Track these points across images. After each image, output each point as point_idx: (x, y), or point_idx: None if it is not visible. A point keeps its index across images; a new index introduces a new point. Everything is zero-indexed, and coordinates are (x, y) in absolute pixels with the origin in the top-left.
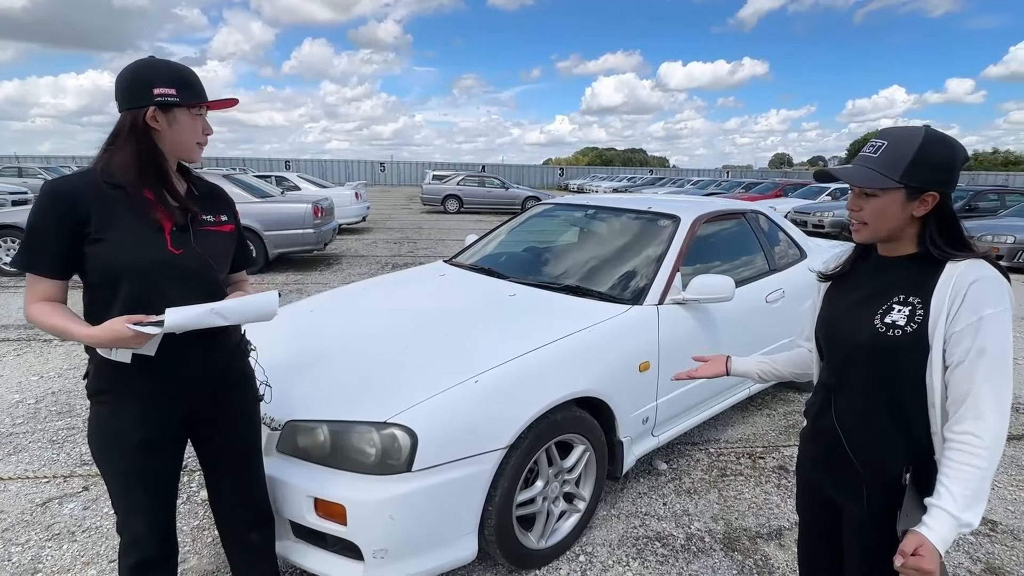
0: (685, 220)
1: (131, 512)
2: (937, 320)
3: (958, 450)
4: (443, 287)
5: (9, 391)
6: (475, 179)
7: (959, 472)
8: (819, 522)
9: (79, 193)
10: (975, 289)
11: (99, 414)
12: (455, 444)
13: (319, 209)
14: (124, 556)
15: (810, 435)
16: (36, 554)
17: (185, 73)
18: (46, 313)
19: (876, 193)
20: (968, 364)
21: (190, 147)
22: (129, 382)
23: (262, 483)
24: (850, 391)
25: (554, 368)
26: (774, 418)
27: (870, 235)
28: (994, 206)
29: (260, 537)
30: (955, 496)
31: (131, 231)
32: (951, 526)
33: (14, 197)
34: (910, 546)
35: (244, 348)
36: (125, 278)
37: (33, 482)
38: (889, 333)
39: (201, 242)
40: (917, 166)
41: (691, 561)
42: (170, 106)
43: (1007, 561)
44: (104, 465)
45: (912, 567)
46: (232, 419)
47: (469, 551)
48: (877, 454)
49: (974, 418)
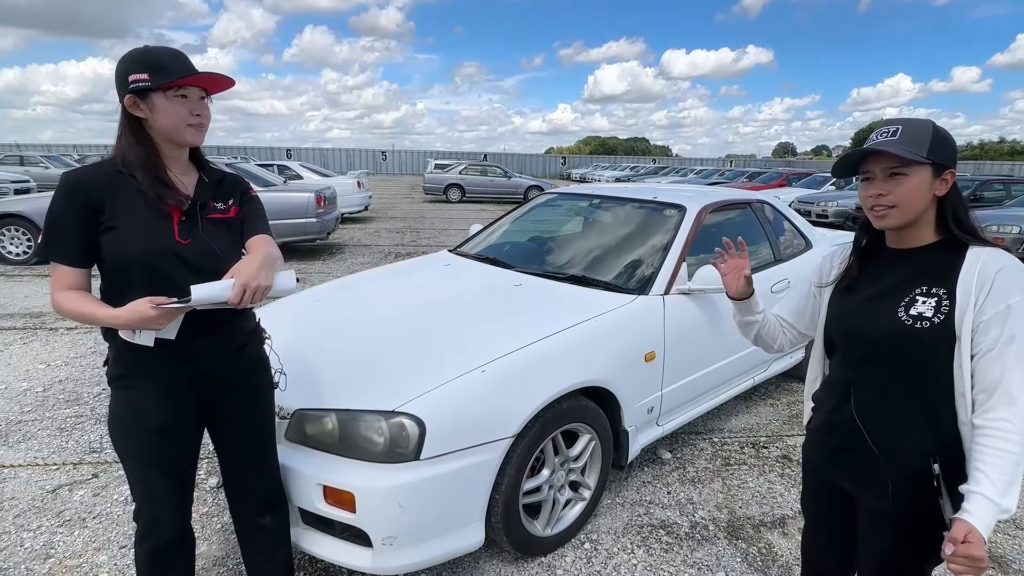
0: (691, 210)
1: (148, 498)
2: (965, 309)
3: (992, 436)
4: (448, 277)
5: (17, 379)
6: (477, 168)
7: (994, 458)
8: (828, 516)
9: (93, 183)
10: (1002, 277)
11: (118, 399)
12: (463, 433)
13: (322, 198)
14: (140, 543)
15: (824, 429)
16: (48, 539)
17: (160, 56)
18: (71, 300)
19: (906, 173)
20: (998, 351)
21: (177, 130)
22: (147, 367)
23: (275, 468)
24: (871, 384)
25: (560, 358)
26: (778, 408)
27: (900, 219)
28: (999, 196)
29: (273, 520)
30: (993, 482)
31: (140, 220)
32: (992, 512)
33: (16, 186)
34: (960, 533)
35: (259, 335)
36: (135, 266)
37: (43, 469)
38: (917, 325)
39: (209, 232)
40: (937, 144)
41: (695, 549)
42: (144, 91)
43: (1009, 550)
44: (123, 450)
45: (963, 555)
46: (247, 405)
47: (476, 538)
48: (902, 446)
49: (1007, 404)
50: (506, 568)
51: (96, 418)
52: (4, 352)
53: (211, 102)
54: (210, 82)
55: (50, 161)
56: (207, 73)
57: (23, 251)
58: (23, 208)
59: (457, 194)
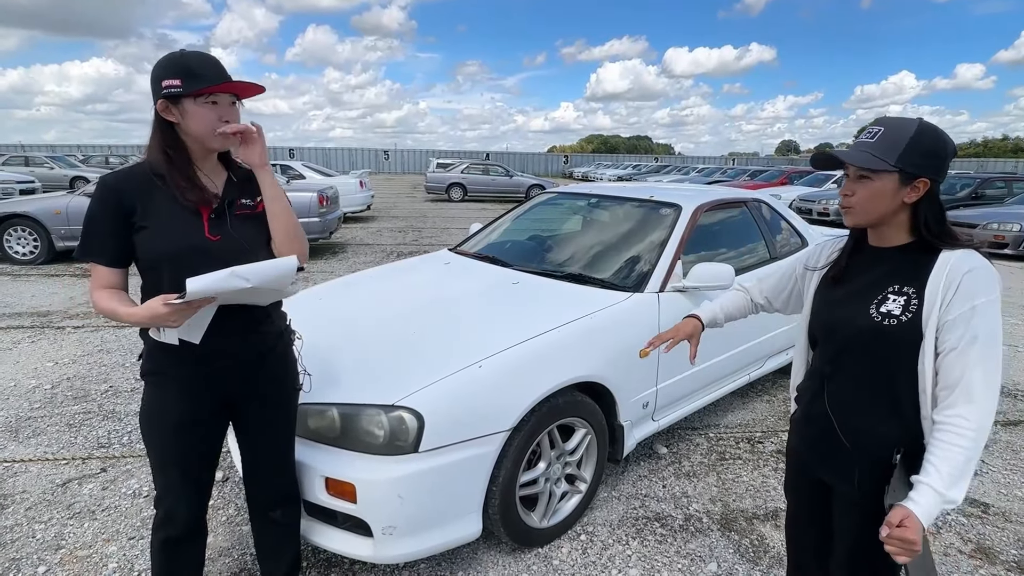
0: (686, 209)
1: (166, 490)
2: (931, 309)
3: (946, 431)
4: (448, 275)
5: (26, 377)
6: (479, 167)
7: (946, 451)
8: (809, 503)
9: (125, 186)
10: (969, 279)
11: (147, 393)
12: (460, 426)
13: (324, 198)
14: (156, 530)
15: (803, 420)
16: (59, 531)
17: (192, 62)
18: (104, 298)
19: (871, 177)
20: (961, 350)
21: (207, 135)
22: (173, 364)
23: (291, 466)
24: (844, 378)
25: (556, 354)
26: (773, 404)
27: (858, 219)
28: (1001, 194)
29: (285, 516)
30: (941, 474)
31: (170, 219)
32: (936, 501)
33: (21, 186)
34: (896, 518)
35: (288, 336)
36: (166, 264)
37: (53, 464)
38: (885, 323)
39: (238, 228)
40: (912, 151)
41: (689, 540)
42: (177, 97)
43: (997, 542)
44: (147, 442)
45: (897, 537)
46: (270, 406)
47: (474, 529)
48: (869, 437)
49: (966, 402)
50: (503, 559)
51: (103, 414)
52: (13, 350)
53: (242, 106)
54: (240, 88)
55: (54, 161)
56: (237, 82)
57: (29, 251)
58: (29, 208)
59: (459, 193)
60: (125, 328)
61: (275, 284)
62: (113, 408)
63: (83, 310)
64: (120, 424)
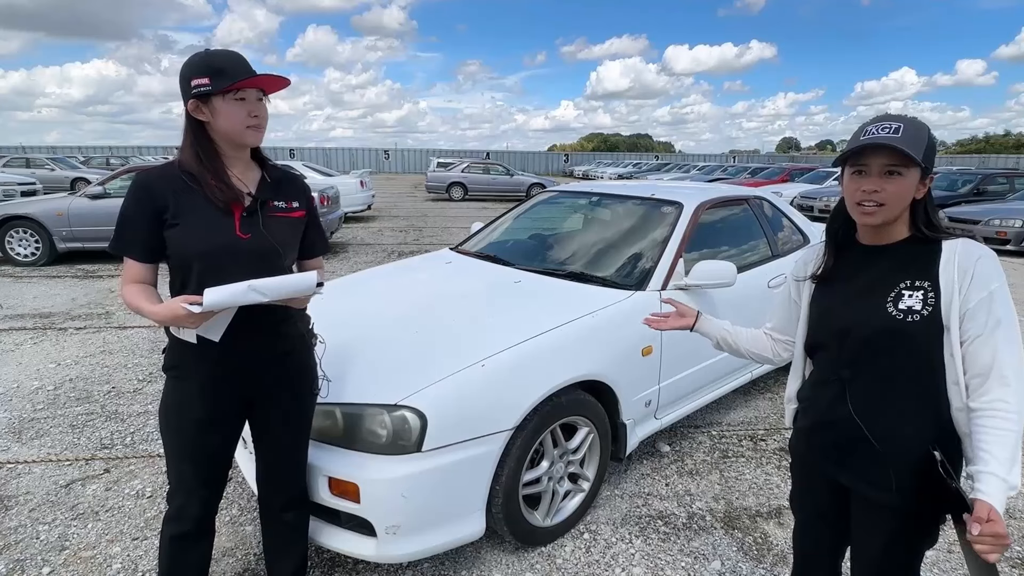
0: (688, 207)
1: (178, 485)
2: (951, 299)
3: (991, 416)
4: (450, 274)
5: (29, 378)
6: (479, 166)
7: (997, 436)
8: (824, 511)
9: (157, 184)
10: (981, 265)
11: (168, 388)
12: (463, 425)
13: (325, 198)
14: (167, 524)
15: (816, 427)
16: (63, 532)
17: (218, 59)
18: (132, 293)
19: (902, 173)
20: (986, 336)
21: (239, 132)
22: (192, 362)
23: (302, 469)
24: (868, 379)
25: (559, 352)
26: (776, 402)
27: (888, 215)
28: (1003, 190)
29: (295, 517)
30: (1000, 460)
31: (202, 217)
32: (1003, 489)
33: (23, 188)
34: (984, 512)
35: (310, 339)
36: (196, 261)
37: (56, 465)
38: (908, 319)
39: (270, 227)
40: (930, 149)
41: (692, 539)
42: (206, 95)
43: None
44: (164, 437)
45: (989, 533)
46: (286, 408)
47: (477, 528)
48: (902, 437)
49: (1001, 385)
50: (507, 557)
51: (106, 415)
52: (15, 352)
53: (268, 101)
54: (267, 83)
55: (56, 163)
56: (264, 75)
57: (31, 252)
58: (30, 210)
59: (460, 192)
60: (127, 329)
61: (290, 297)
62: (116, 409)
63: (85, 311)
64: (123, 425)
